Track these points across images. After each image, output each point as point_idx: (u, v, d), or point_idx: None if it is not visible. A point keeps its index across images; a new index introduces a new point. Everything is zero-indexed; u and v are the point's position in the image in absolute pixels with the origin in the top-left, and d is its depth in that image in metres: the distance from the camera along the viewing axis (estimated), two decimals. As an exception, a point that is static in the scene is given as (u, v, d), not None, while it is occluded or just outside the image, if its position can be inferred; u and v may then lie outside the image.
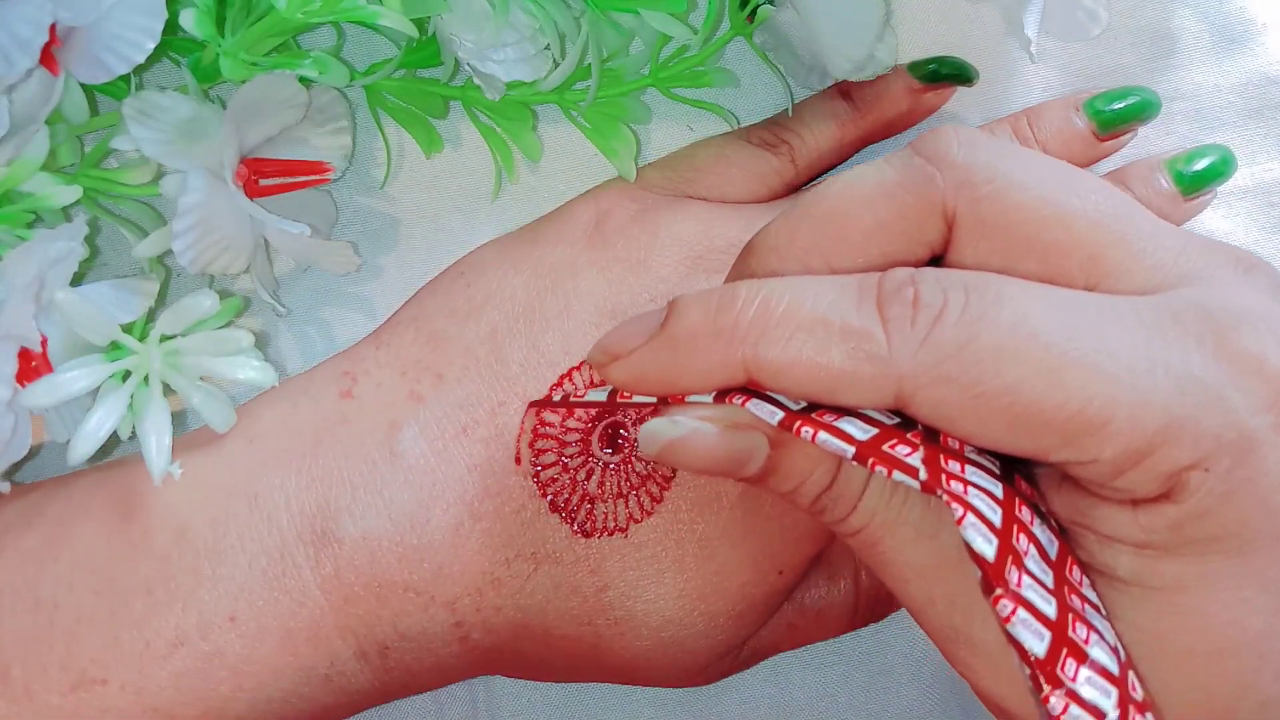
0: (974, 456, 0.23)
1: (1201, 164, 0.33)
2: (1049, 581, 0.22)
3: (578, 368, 0.30)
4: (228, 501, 0.29)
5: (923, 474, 0.22)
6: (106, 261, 0.34)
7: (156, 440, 0.28)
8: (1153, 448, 0.21)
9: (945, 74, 0.34)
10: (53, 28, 0.27)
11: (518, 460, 0.30)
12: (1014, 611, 0.21)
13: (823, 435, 0.23)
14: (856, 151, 0.35)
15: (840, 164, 0.35)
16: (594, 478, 0.30)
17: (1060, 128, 0.33)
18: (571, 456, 0.30)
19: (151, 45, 0.28)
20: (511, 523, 0.30)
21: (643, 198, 0.33)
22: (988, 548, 0.21)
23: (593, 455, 0.30)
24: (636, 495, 0.30)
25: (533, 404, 0.30)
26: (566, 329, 0.31)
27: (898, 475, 0.22)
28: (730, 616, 0.31)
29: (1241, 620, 0.22)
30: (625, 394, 0.26)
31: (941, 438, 0.23)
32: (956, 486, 0.22)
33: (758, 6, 0.32)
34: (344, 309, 0.34)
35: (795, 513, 0.31)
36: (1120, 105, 0.33)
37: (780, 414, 0.23)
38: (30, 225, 0.29)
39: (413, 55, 0.33)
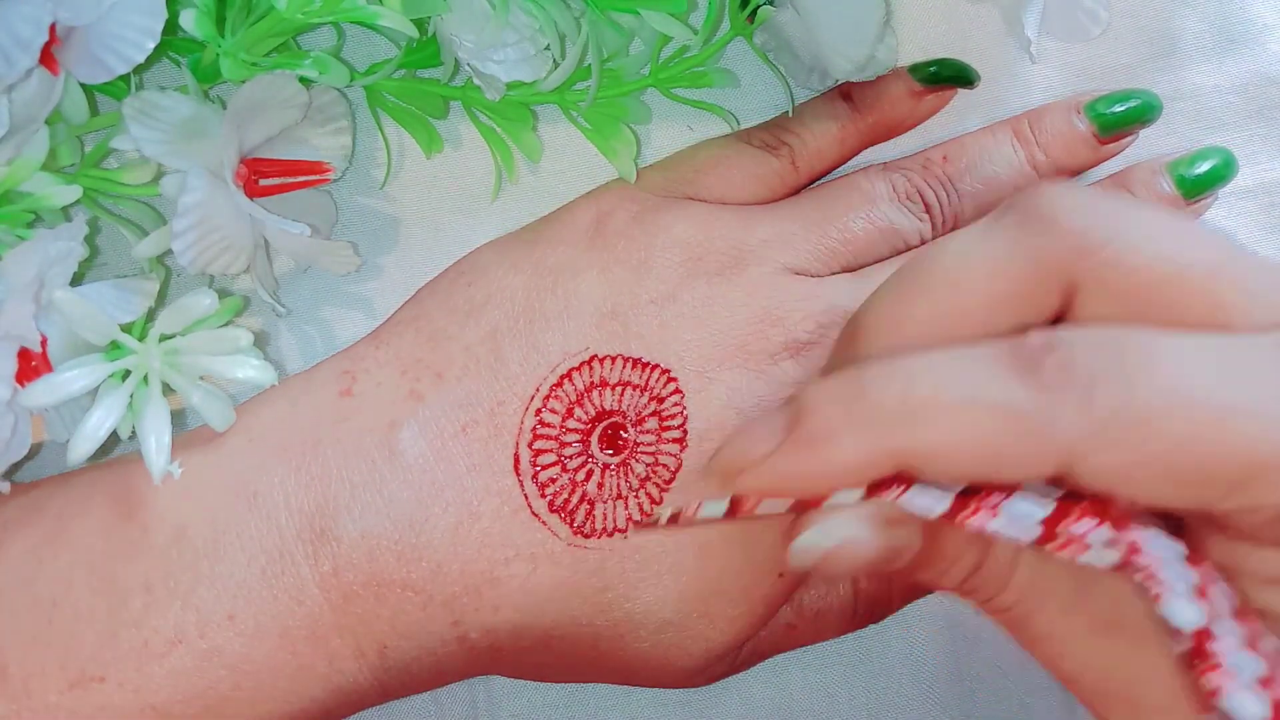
0: (1142, 519, 0.23)
1: (1203, 167, 0.33)
2: (1239, 636, 0.21)
3: (578, 368, 0.30)
4: (227, 500, 0.29)
5: (1115, 556, 0.21)
6: (106, 261, 0.34)
7: (156, 439, 0.28)
8: None
9: (946, 76, 0.34)
10: (53, 27, 0.27)
11: (517, 461, 0.30)
12: (1226, 681, 0.21)
13: (994, 524, 0.22)
14: (857, 153, 0.35)
15: (841, 165, 0.35)
16: (593, 479, 0.30)
17: (1061, 130, 0.33)
18: (571, 457, 0.30)
19: (151, 45, 0.28)
20: (511, 523, 0.30)
21: (643, 199, 0.33)
22: (1195, 615, 0.21)
23: (592, 456, 0.30)
24: (636, 497, 0.30)
25: (636, 523, 0.29)
26: (567, 329, 0.31)
27: (1082, 559, 0.22)
28: (729, 619, 0.31)
29: None
30: (751, 504, 0.24)
31: (1110, 504, 0.22)
32: (1143, 561, 0.21)
33: (758, 7, 0.32)
34: (344, 309, 0.34)
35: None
36: (1122, 108, 0.33)
37: (942, 507, 0.22)
38: (30, 225, 0.29)
39: (413, 55, 0.33)
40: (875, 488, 0.22)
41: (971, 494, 0.22)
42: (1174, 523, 0.24)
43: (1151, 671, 0.23)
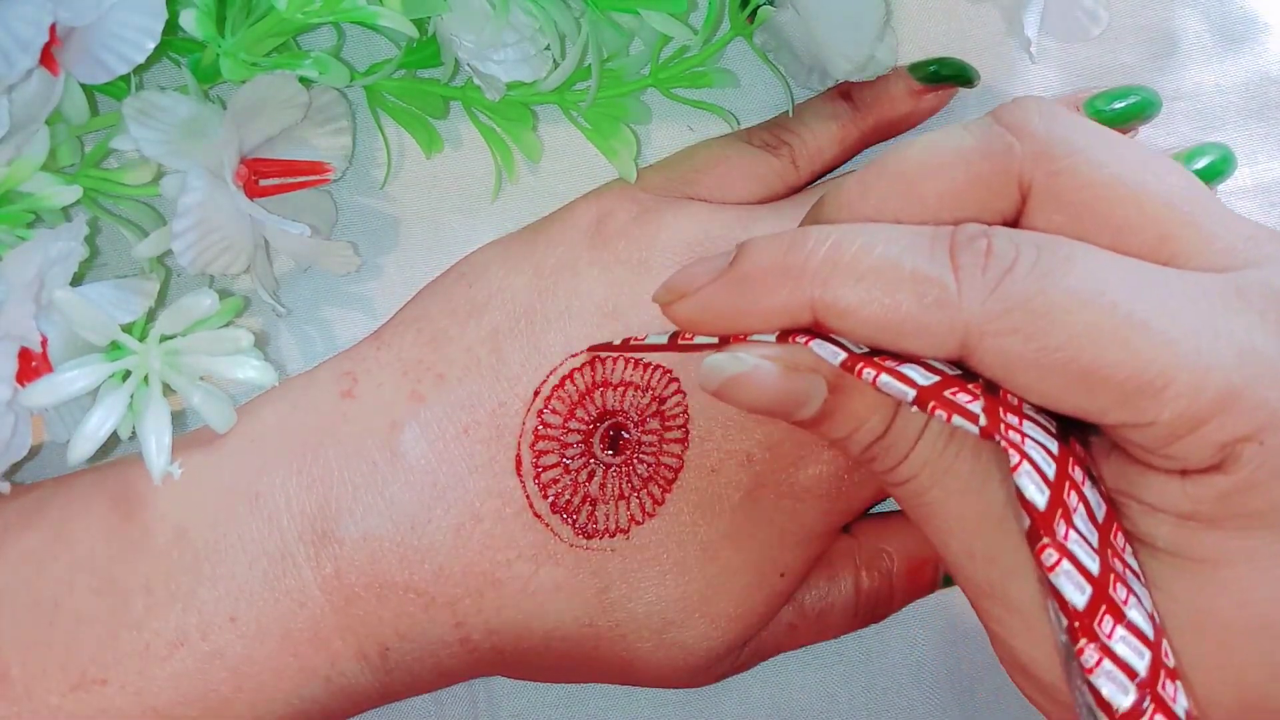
0: (1032, 414, 0.23)
1: (1201, 163, 0.33)
2: (1094, 540, 0.22)
3: (579, 369, 0.30)
4: (228, 501, 0.29)
5: (982, 420, 0.22)
6: (106, 261, 0.34)
7: (156, 440, 0.28)
8: (1209, 415, 0.22)
9: (946, 75, 0.34)
10: (53, 28, 0.27)
11: (518, 461, 0.30)
12: (1059, 562, 0.21)
13: (884, 378, 0.23)
14: (858, 153, 0.35)
15: (841, 165, 0.35)
16: (595, 479, 0.30)
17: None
18: (573, 458, 0.30)
19: (151, 45, 0.28)
20: (513, 524, 0.30)
21: (643, 199, 0.33)
22: (1039, 497, 0.22)
23: (594, 457, 0.30)
24: (638, 497, 0.30)
25: (592, 348, 0.30)
26: (568, 329, 0.31)
27: (957, 420, 0.22)
28: (731, 618, 0.31)
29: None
30: (687, 335, 0.26)
31: (1001, 393, 0.23)
32: (1014, 436, 0.22)
33: (758, 7, 0.32)
34: (344, 309, 0.34)
35: (797, 515, 0.31)
36: (1121, 104, 0.33)
37: (843, 355, 0.23)
38: (30, 225, 0.29)
39: (413, 55, 0.33)
40: (788, 335, 0.24)
41: (872, 355, 0.23)
42: (1080, 441, 0.24)
43: (1025, 571, 0.24)
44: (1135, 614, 0.22)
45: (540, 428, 0.30)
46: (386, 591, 0.29)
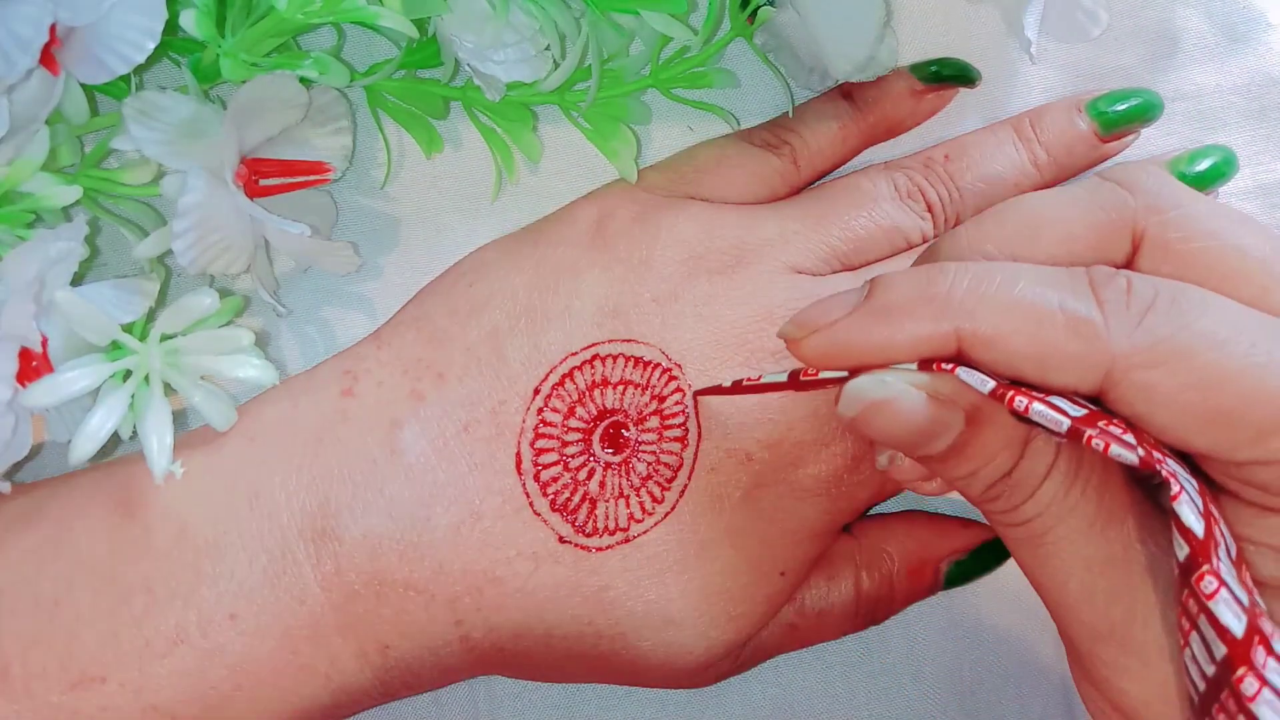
0: (1169, 452, 0.23)
1: (1203, 165, 0.33)
2: (1235, 576, 0.22)
3: (580, 367, 0.30)
4: (228, 500, 0.29)
5: (1140, 450, 0.22)
6: (106, 261, 0.34)
7: (157, 439, 0.28)
8: None
9: (947, 75, 0.34)
10: (53, 28, 0.27)
11: (518, 460, 0.30)
12: (1218, 590, 0.21)
13: (1038, 406, 0.23)
14: (858, 152, 0.35)
15: (842, 165, 0.35)
16: (595, 478, 0.30)
17: (1063, 129, 0.33)
18: (573, 456, 0.30)
19: (151, 45, 0.28)
20: (513, 522, 0.30)
21: (644, 199, 0.33)
22: (1198, 525, 0.22)
23: (594, 455, 0.30)
24: (637, 495, 0.30)
25: (699, 392, 0.30)
26: (568, 328, 0.31)
27: (1115, 450, 0.22)
28: (731, 617, 0.31)
29: None
30: (810, 371, 0.25)
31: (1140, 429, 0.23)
32: (1171, 466, 0.22)
33: (758, 7, 0.32)
34: (344, 309, 0.34)
35: (797, 514, 0.31)
36: (1123, 106, 0.33)
37: (992, 383, 0.23)
38: (30, 225, 0.29)
39: (413, 56, 0.33)
40: (930, 365, 0.24)
41: (1017, 386, 0.23)
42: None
43: (1148, 612, 0.24)
44: None
45: (540, 426, 0.30)
46: (386, 589, 0.29)
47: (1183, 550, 0.22)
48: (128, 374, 0.28)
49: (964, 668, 0.35)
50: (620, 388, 0.30)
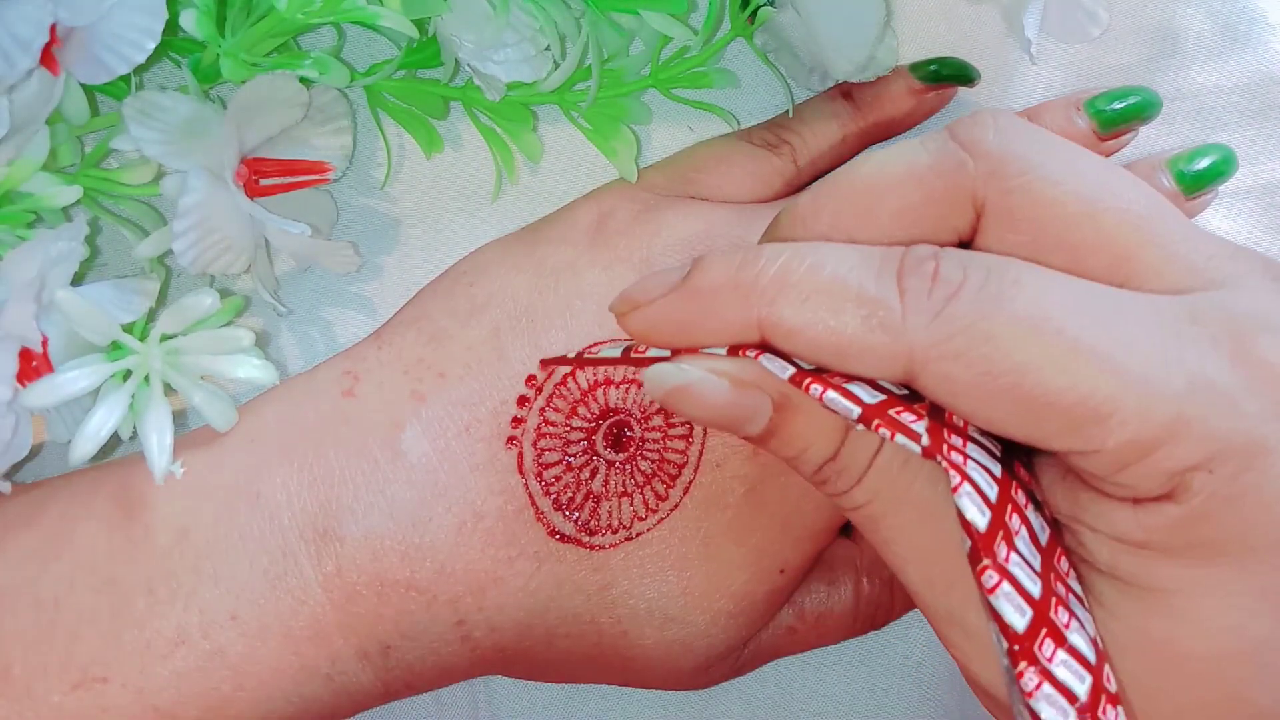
0: (977, 437, 0.23)
1: (1203, 163, 0.33)
2: (1036, 564, 0.22)
3: (580, 367, 0.30)
4: (229, 500, 0.29)
5: (925, 440, 0.22)
6: (106, 261, 0.34)
7: (158, 439, 0.28)
8: (1158, 444, 0.21)
9: (946, 74, 0.34)
10: (53, 28, 0.27)
11: (520, 459, 0.30)
12: (998, 584, 0.21)
13: (830, 394, 0.23)
14: (858, 151, 0.35)
15: (842, 163, 0.35)
16: (598, 476, 0.30)
17: (1061, 127, 0.33)
18: (575, 455, 0.30)
19: (152, 45, 0.28)
20: (514, 521, 0.30)
21: (645, 198, 0.33)
22: (980, 518, 0.21)
23: (596, 454, 0.30)
24: (641, 493, 0.30)
25: (544, 361, 0.29)
26: (569, 328, 0.31)
27: (899, 439, 0.22)
28: (732, 615, 0.31)
29: (1239, 628, 0.22)
30: (640, 349, 0.26)
31: (947, 416, 0.23)
32: (956, 457, 0.22)
33: (758, 8, 0.32)
34: (344, 309, 0.34)
35: (798, 512, 0.31)
36: (1121, 105, 0.33)
37: (791, 369, 0.23)
38: (30, 225, 0.29)
39: (413, 56, 0.33)
40: (739, 350, 0.24)
41: (819, 373, 0.23)
42: (1028, 465, 0.25)
43: (980, 601, 0.24)
44: (1077, 638, 0.22)
45: (542, 425, 0.30)
46: (388, 589, 0.29)
47: (967, 543, 0.22)
48: (128, 374, 0.28)
49: (964, 668, 0.35)
50: (623, 386, 0.30)
